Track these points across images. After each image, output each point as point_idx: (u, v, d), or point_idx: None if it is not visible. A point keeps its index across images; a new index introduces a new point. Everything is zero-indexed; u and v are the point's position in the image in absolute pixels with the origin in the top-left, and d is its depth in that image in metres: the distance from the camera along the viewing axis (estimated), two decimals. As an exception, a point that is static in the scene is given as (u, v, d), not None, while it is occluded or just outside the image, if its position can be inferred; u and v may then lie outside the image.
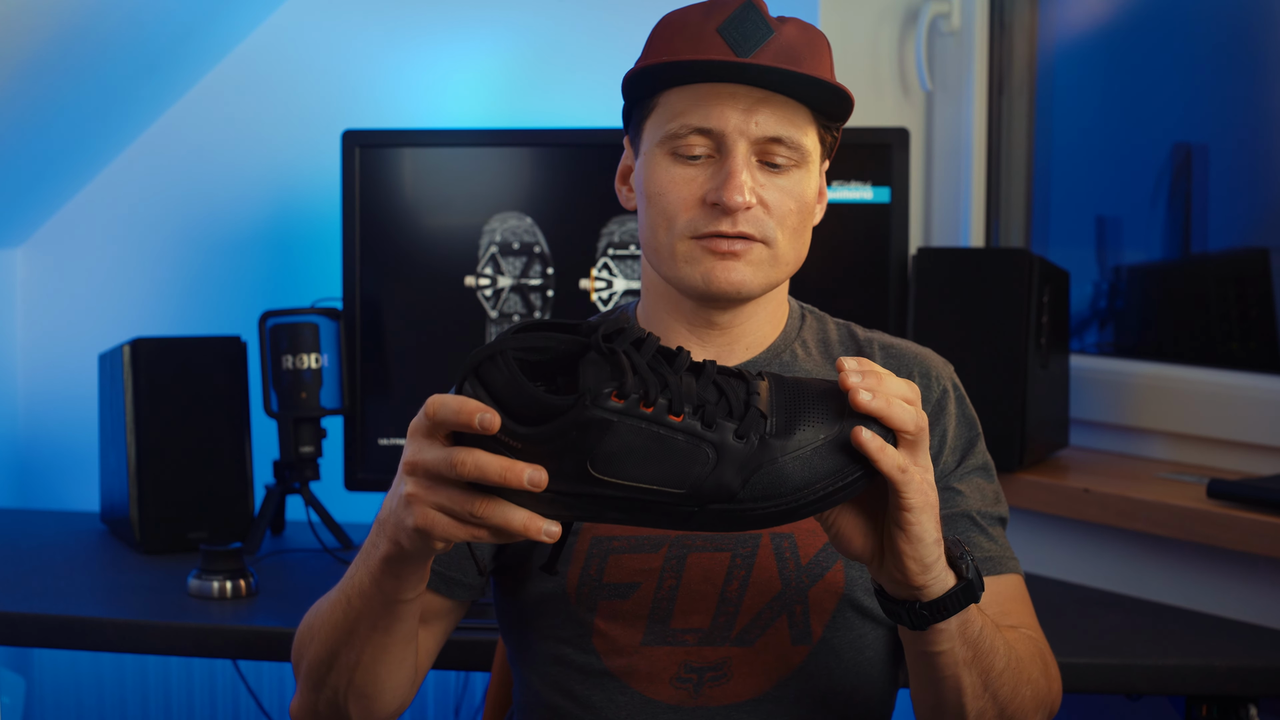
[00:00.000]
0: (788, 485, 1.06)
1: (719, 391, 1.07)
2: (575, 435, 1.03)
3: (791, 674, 1.34)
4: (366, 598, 1.24)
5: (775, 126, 1.31)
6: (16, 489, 2.62)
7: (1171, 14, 2.42)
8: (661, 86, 1.34)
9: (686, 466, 1.05)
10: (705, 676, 1.34)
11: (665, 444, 1.05)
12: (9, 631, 1.90)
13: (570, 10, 2.52)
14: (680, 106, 1.32)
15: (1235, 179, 2.35)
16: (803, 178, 1.34)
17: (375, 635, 1.26)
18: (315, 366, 2.23)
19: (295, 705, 1.36)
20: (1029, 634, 1.36)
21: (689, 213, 1.33)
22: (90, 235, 2.60)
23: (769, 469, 1.06)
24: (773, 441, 1.06)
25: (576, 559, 1.35)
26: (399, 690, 1.33)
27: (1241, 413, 2.09)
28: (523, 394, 1.03)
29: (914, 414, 1.09)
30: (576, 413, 1.03)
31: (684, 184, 1.33)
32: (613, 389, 1.03)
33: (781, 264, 1.35)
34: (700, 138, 1.32)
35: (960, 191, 2.44)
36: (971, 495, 1.39)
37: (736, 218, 1.31)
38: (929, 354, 1.44)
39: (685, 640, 1.34)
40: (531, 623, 1.38)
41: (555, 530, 1.05)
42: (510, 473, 1.03)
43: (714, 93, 1.31)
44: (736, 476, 1.06)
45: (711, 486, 1.06)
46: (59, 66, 2.18)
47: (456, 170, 2.21)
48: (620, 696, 1.35)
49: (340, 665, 1.29)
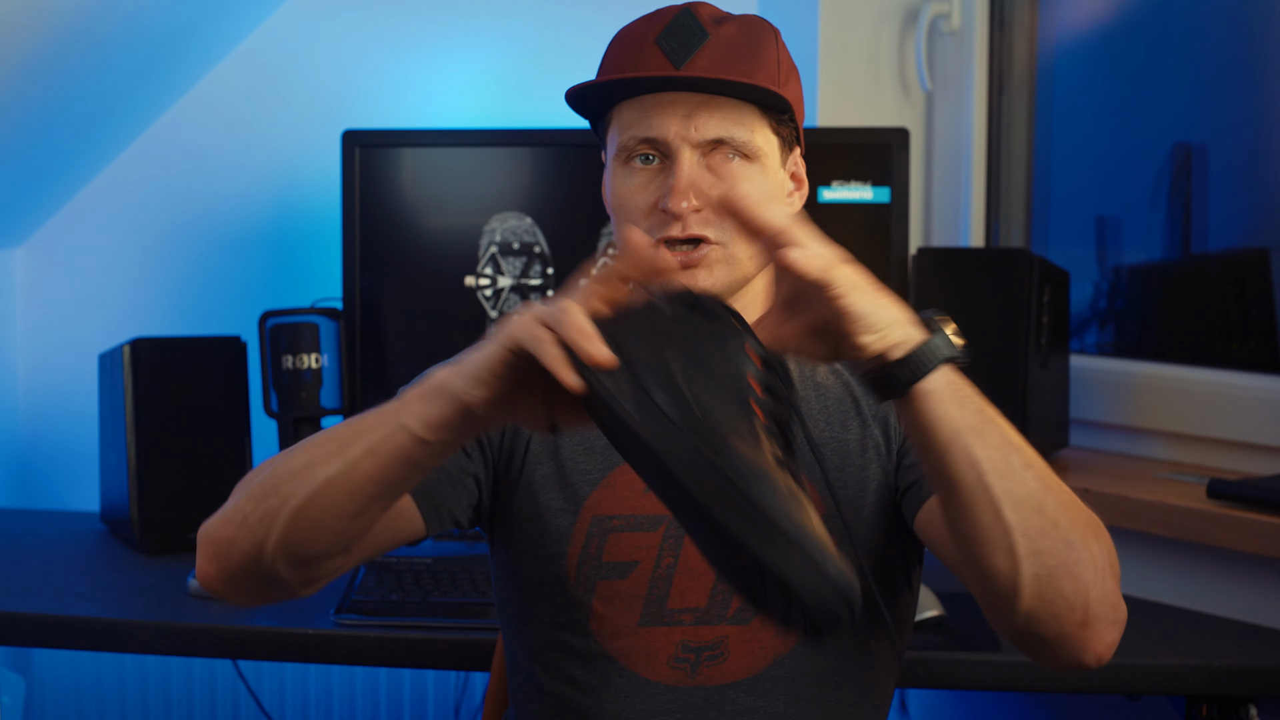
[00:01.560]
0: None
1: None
2: (702, 326, 1.07)
3: (788, 652, 1.35)
4: (380, 415, 1.16)
5: (716, 129, 1.34)
6: (16, 489, 2.61)
7: (1171, 14, 2.42)
8: (611, 103, 1.39)
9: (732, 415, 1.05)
10: (703, 656, 1.35)
11: (744, 410, 1.05)
12: (9, 631, 1.90)
13: (570, 10, 2.52)
14: (628, 119, 1.37)
15: (1235, 179, 2.35)
16: (756, 170, 1.36)
17: (362, 459, 1.16)
18: (315, 366, 2.23)
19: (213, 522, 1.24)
20: None
21: (646, 220, 1.36)
22: (90, 235, 2.60)
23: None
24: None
25: (576, 538, 1.36)
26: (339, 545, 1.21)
27: (1241, 413, 2.09)
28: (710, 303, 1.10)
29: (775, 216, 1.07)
30: (723, 323, 1.08)
31: (637, 192, 1.36)
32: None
33: (739, 262, 1.36)
34: (648, 146, 1.36)
35: (960, 191, 2.44)
36: None
37: (686, 221, 1.33)
38: None
39: (682, 620, 1.35)
40: (530, 606, 1.39)
41: (606, 356, 1.03)
42: (588, 340, 1.03)
43: (655, 103, 1.35)
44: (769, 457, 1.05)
45: (736, 463, 1.02)
46: (59, 66, 2.18)
47: (456, 170, 2.21)
48: (618, 679, 1.35)
49: (307, 475, 1.18)
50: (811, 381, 1.43)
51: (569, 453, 1.39)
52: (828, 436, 1.40)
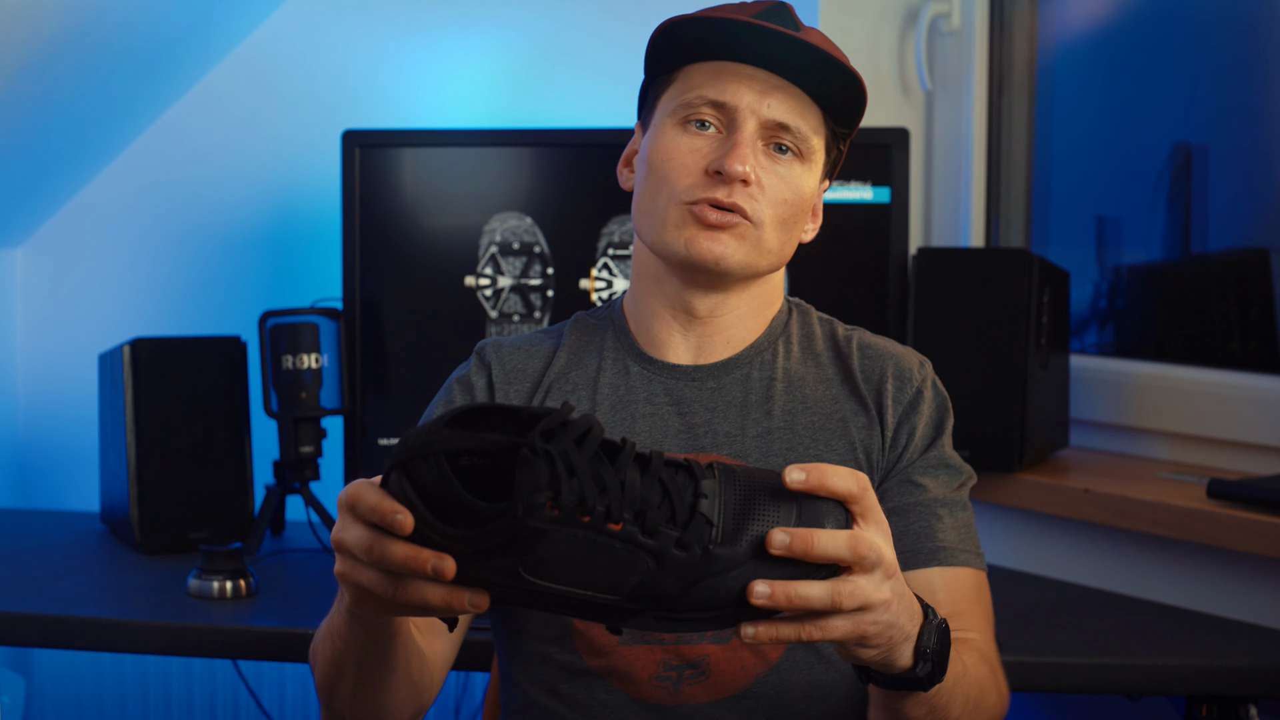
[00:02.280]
0: (730, 598, 1.00)
1: (663, 491, 1.00)
2: (505, 542, 0.97)
3: (770, 670, 1.35)
4: (345, 640, 1.24)
5: (786, 113, 1.34)
6: (16, 489, 2.61)
7: (1171, 14, 2.42)
8: (683, 61, 1.37)
9: (623, 574, 0.99)
10: (684, 674, 1.34)
11: (602, 551, 0.98)
12: (9, 631, 1.90)
13: (570, 10, 2.52)
14: (698, 79, 1.35)
15: (1235, 179, 2.35)
16: (803, 173, 1.36)
17: (364, 671, 1.27)
18: (315, 366, 2.23)
19: (323, 714, 1.37)
20: (979, 646, 1.33)
21: (689, 179, 1.34)
22: (90, 235, 2.60)
23: (710, 582, 1.00)
24: (717, 552, 0.99)
25: None
26: (408, 704, 1.33)
27: (1241, 413, 2.09)
28: (453, 497, 0.97)
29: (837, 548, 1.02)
30: (508, 523, 0.97)
31: (689, 153, 1.35)
32: (548, 497, 0.97)
33: (764, 249, 1.36)
34: (712, 110, 1.35)
35: (960, 191, 2.44)
36: (933, 487, 1.39)
37: (734, 188, 1.33)
38: (906, 353, 1.44)
39: (663, 639, 1.34)
40: (517, 623, 1.39)
41: (481, 601, 1.01)
42: (415, 561, 1.00)
43: (733, 71, 1.34)
44: (675, 585, 1.00)
45: (649, 593, 1.00)
46: (59, 66, 2.18)
47: (456, 170, 2.21)
48: (604, 694, 1.35)
49: (340, 694, 1.30)
50: (800, 394, 1.41)
51: None
52: (809, 455, 1.38)
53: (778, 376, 1.41)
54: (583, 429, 0.98)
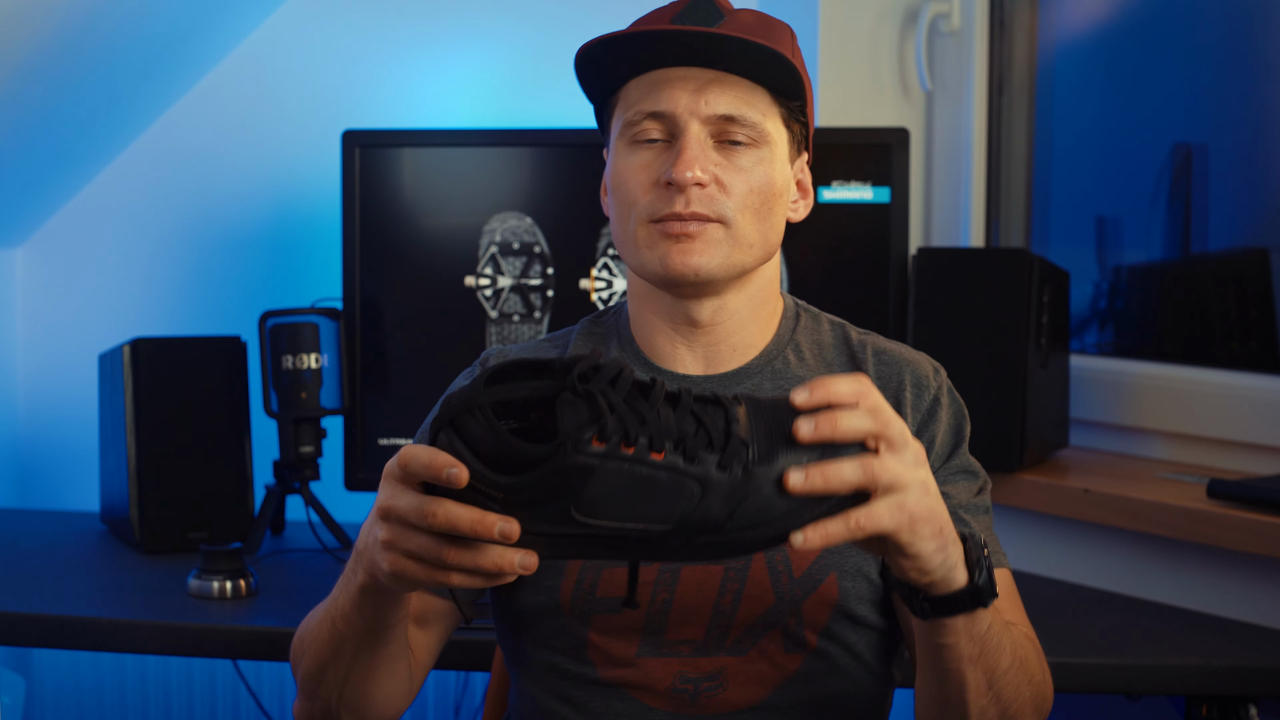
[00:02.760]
0: (774, 512, 1.05)
1: (697, 422, 1.05)
2: (557, 482, 1.01)
3: (787, 681, 1.34)
4: (349, 622, 1.24)
5: (727, 105, 1.32)
6: (16, 489, 2.61)
7: (1171, 14, 2.42)
8: (619, 81, 1.36)
9: (672, 503, 1.03)
10: (701, 686, 1.34)
11: (649, 483, 1.03)
12: (9, 631, 1.90)
13: (570, 10, 2.52)
14: (635, 95, 1.35)
15: (1235, 179, 2.35)
16: (764, 158, 1.35)
17: (360, 655, 1.27)
18: (315, 366, 2.23)
19: (296, 707, 1.36)
20: (1026, 633, 1.36)
21: (646, 195, 1.34)
22: (90, 235, 2.60)
23: (755, 498, 1.04)
24: (756, 469, 1.04)
25: (570, 572, 1.35)
26: (393, 699, 1.33)
27: (1241, 413, 2.09)
28: (501, 445, 1.01)
29: (862, 420, 1.06)
30: (558, 460, 1.00)
31: (640, 169, 1.34)
32: (593, 433, 1.01)
33: (743, 245, 1.34)
34: (654, 122, 1.34)
35: (960, 191, 2.44)
36: (956, 494, 1.39)
37: (689, 195, 1.31)
38: (921, 359, 1.43)
39: (680, 651, 1.34)
40: (527, 632, 1.38)
41: (531, 562, 1.03)
42: (481, 525, 1.01)
43: (665, 78, 1.33)
44: (722, 508, 1.04)
45: (698, 520, 1.04)
46: (59, 66, 2.18)
47: (456, 170, 2.21)
48: (618, 703, 1.35)
49: (329, 680, 1.30)
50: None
51: None
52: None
53: (790, 386, 1.40)
54: (615, 370, 1.04)
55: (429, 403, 1.52)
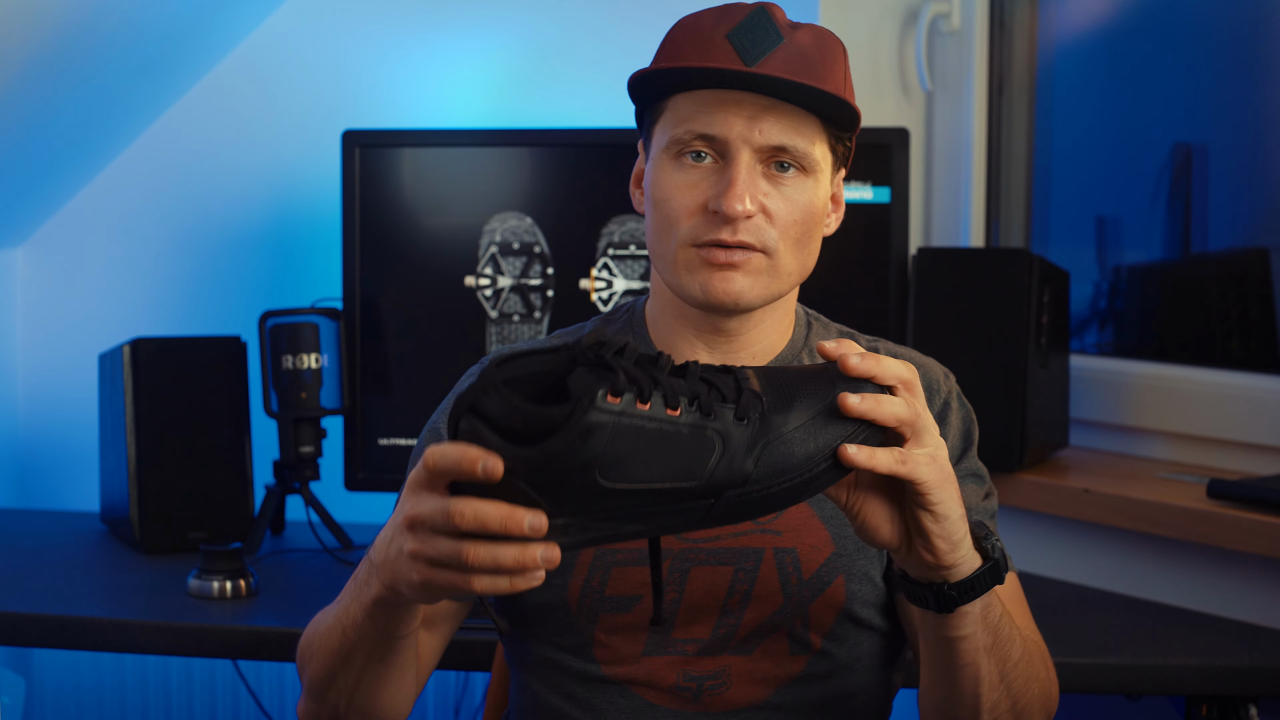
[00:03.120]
0: (795, 458, 1.06)
1: (708, 384, 1.07)
2: (578, 445, 1.00)
3: (790, 681, 1.35)
4: (360, 631, 1.23)
5: (780, 135, 1.30)
6: (16, 489, 2.61)
7: (1171, 14, 2.42)
8: (669, 91, 1.34)
9: (695, 456, 1.04)
10: (705, 684, 1.34)
11: (670, 439, 1.03)
12: (9, 631, 1.90)
13: (570, 10, 2.52)
14: (686, 112, 1.32)
15: (1235, 179, 2.35)
16: (809, 187, 1.33)
17: (371, 664, 1.26)
18: (315, 366, 2.23)
19: (301, 707, 1.36)
20: (1033, 637, 1.36)
21: (690, 219, 1.32)
22: (90, 235, 2.60)
23: (776, 444, 1.06)
24: (772, 417, 1.06)
25: (579, 570, 1.35)
26: (401, 704, 1.33)
27: (1241, 413, 2.09)
28: (524, 415, 1.01)
29: (902, 406, 1.09)
30: (576, 418, 1.00)
31: (686, 190, 1.32)
32: (606, 389, 1.02)
33: (782, 275, 1.34)
34: (704, 144, 1.31)
35: (960, 191, 2.44)
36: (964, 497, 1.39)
37: (736, 226, 1.30)
38: (931, 364, 1.43)
39: (685, 650, 1.34)
40: (532, 629, 1.38)
41: (553, 555, 1.01)
42: (511, 519, 0.99)
43: (719, 99, 1.30)
44: (747, 457, 1.05)
45: (724, 473, 1.05)
46: (59, 66, 2.18)
47: (456, 170, 2.21)
48: (621, 700, 1.35)
49: (339, 686, 1.30)
50: None
51: None
52: None
53: None
54: (620, 344, 1.05)
55: (429, 402, 1.52)
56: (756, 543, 1.34)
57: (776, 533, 1.35)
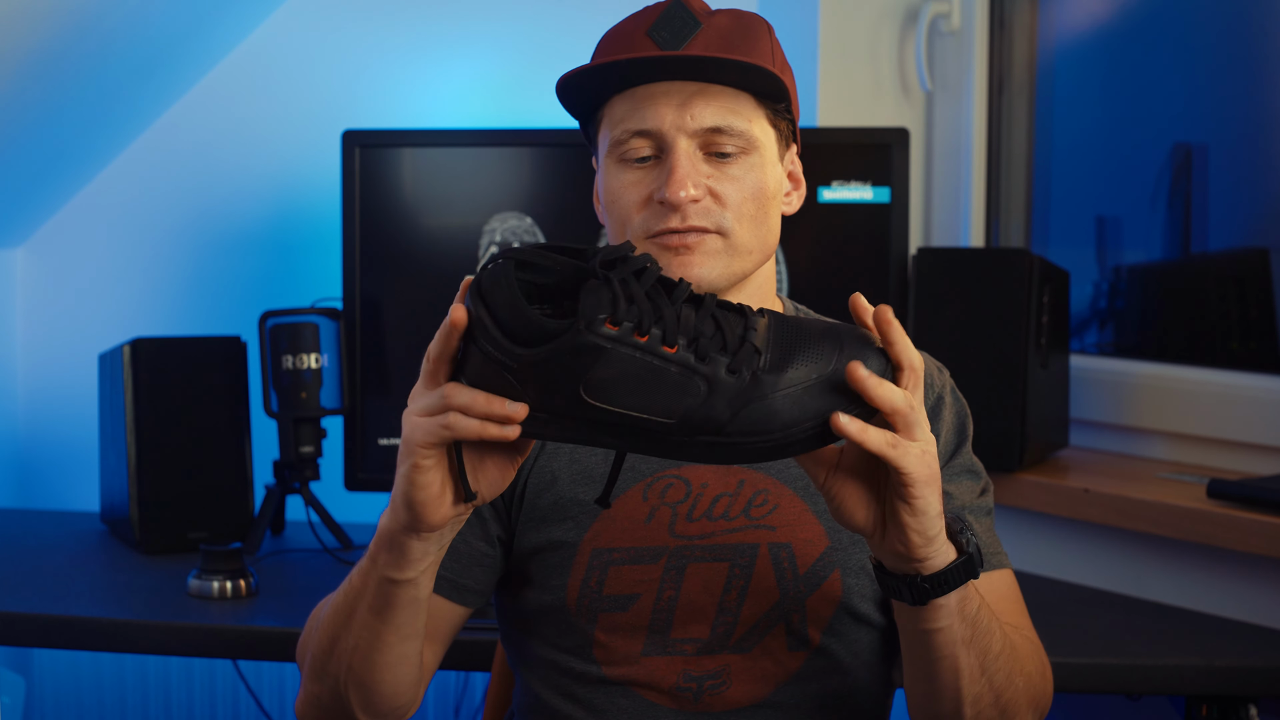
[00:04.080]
0: (776, 421, 1.07)
1: (715, 325, 1.08)
2: (569, 360, 1.05)
3: (789, 679, 1.35)
4: (364, 575, 1.24)
5: (713, 117, 1.32)
6: (16, 489, 2.61)
7: (1171, 14, 2.42)
8: (603, 97, 1.36)
9: (678, 397, 1.06)
10: (705, 685, 1.34)
11: (658, 374, 1.06)
12: (9, 631, 1.90)
13: (569, 10, 2.52)
14: (620, 113, 1.34)
15: (1235, 179, 2.35)
16: (755, 165, 1.34)
17: (373, 620, 1.25)
18: (315, 366, 2.23)
19: (299, 701, 1.36)
20: (1025, 634, 1.36)
21: (640, 213, 1.34)
22: (90, 235, 2.60)
23: (759, 404, 1.07)
24: (764, 377, 1.07)
25: (577, 571, 1.35)
26: (401, 687, 1.31)
27: (1241, 413, 2.09)
28: (522, 316, 1.05)
29: (900, 396, 1.09)
30: (570, 337, 1.05)
31: (632, 187, 1.34)
32: (607, 315, 1.05)
33: (741, 253, 1.35)
34: (642, 140, 1.33)
35: (960, 191, 2.44)
36: (960, 494, 1.39)
37: (685, 212, 1.32)
38: (925, 359, 1.43)
39: (684, 650, 1.34)
40: (532, 631, 1.38)
41: (519, 411, 1.07)
42: (493, 404, 1.07)
43: (648, 94, 1.32)
44: (726, 409, 1.07)
45: (700, 418, 1.07)
46: (59, 66, 2.18)
47: (456, 170, 2.21)
48: (622, 700, 1.35)
49: (339, 651, 1.29)
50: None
51: (566, 482, 1.37)
52: None
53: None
54: (641, 264, 1.07)
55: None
56: (752, 538, 1.35)
57: (771, 528, 1.35)
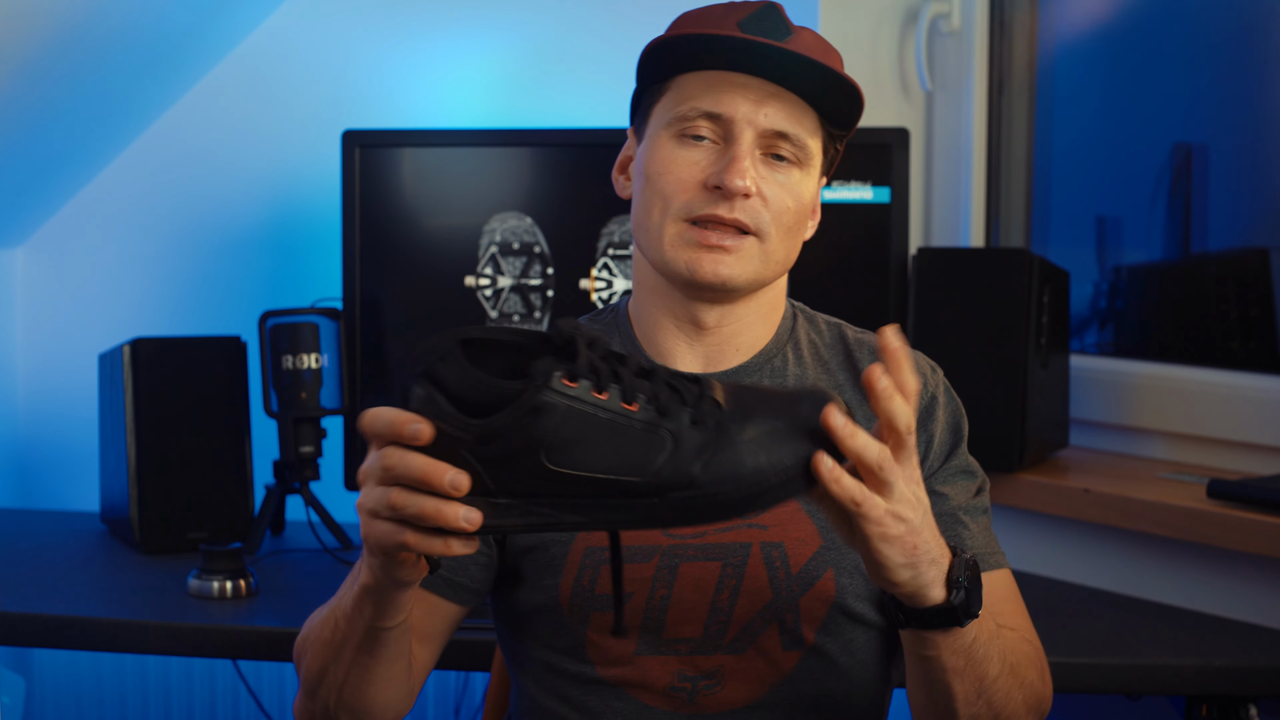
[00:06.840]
0: (746, 467, 1.05)
1: (671, 388, 1.06)
2: (527, 422, 1.02)
3: (784, 679, 1.34)
4: (350, 621, 1.24)
5: (783, 121, 1.32)
6: (16, 489, 2.61)
7: (1171, 14, 2.42)
8: (676, 70, 1.35)
9: (644, 453, 1.04)
10: (699, 685, 1.34)
11: (621, 431, 1.03)
12: (9, 631, 1.90)
13: (570, 10, 2.52)
14: (692, 90, 1.33)
15: (1235, 179, 2.35)
16: (803, 179, 1.35)
17: (360, 657, 1.27)
18: (315, 366, 2.23)
19: (297, 705, 1.36)
20: (1025, 637, 1.36)
21: (687, 194, 1.33)
22: (90, 235, 2.60)
23: (728, 452, 1.04)
24: (729, 425, 1.05)
25: (569, 570, 1.35)
26: (391, 704, 1.33)
27: (1241, 413, 2.09)
28: (477, 383, 1.02)
29: (874, 449, 1.08)
30: (528, 396, 1.02)
31: (686, 166, 1.33)
32: (564, 373, 1.02)
33: (771, 261, 1.35)
34: (708, 122, 1.33)
35: (960, 191, 2.44)
36: (955, 495, 1.39)
37: (734, 203, 1.31)
38: (918, 358, 1.43)
39: (678, 650, 1.34)
40: (527, 632, 1.38)
41: (474, 517, 1.03)
42: (432, 471, 1.02)
43: (726, 80, 1.32)
44: (695, 460, 1.04)
45: (670, 473, 1.04)
46: (59, 66, 2.18)
47: (456, 170, 2.21)
48: (617, 702, 1.35)
49: (329, 681, 1.30)
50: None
51: None
52: None
53: (789, 384, 1.40)
54: (591, 335, 1.05)
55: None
56: (744, 537, 1.35)
57: (763, 527, 1.35)
